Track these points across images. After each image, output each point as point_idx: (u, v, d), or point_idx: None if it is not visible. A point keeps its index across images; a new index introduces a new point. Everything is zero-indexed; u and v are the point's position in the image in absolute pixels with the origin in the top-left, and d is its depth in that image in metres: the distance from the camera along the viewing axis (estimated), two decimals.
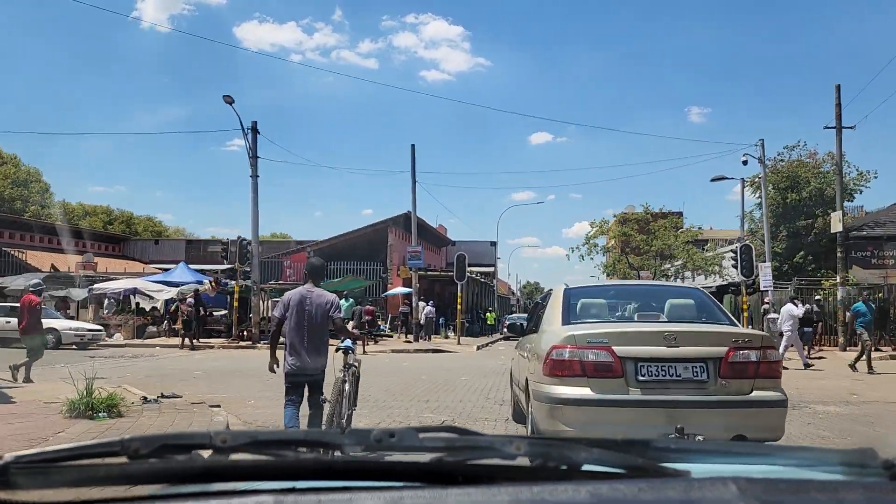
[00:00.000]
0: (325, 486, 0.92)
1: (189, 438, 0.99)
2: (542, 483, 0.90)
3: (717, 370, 5.20)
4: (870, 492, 0.93)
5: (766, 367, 5.28)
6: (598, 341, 5.26)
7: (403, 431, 1.00)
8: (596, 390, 5.16)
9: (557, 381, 5.28)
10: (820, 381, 13.90)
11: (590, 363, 5.21)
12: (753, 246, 23.39)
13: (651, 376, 5.20)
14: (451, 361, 19.31)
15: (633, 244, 36.23)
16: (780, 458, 1.20)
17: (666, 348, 5.21)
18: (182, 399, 10.01)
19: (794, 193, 29.92)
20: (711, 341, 5.36)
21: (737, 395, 5.19)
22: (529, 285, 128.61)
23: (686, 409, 5.07)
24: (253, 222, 25.36)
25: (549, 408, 5.28)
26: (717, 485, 0.87)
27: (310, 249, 40.50)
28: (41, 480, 0.93)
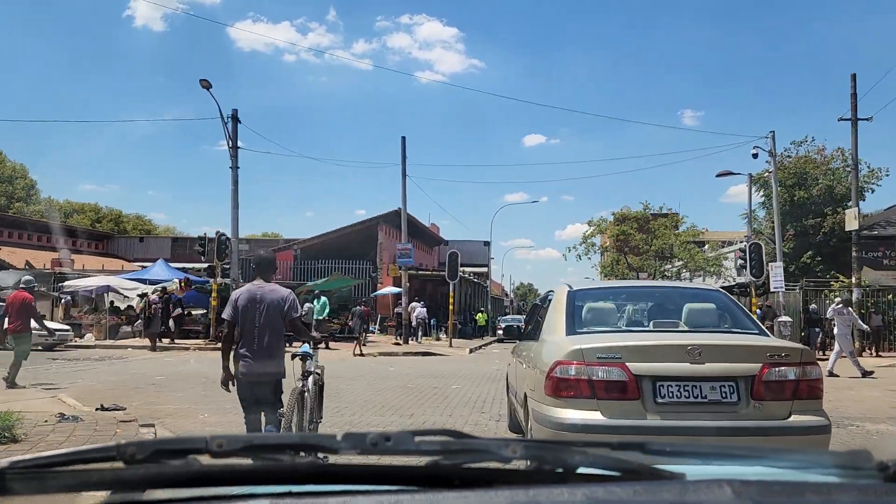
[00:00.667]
0: (322, 490, 0.94)
1: (184, 443, 1.00)
2: (538, 486, 0.91)
3: (750, 391, 4.42)
4: (864, 494, 0.94)
5: (805, 386, 4.49)
6: (610, 356, 4.44)
7: (399, 435, 0.99)
8: (608, 414, 4.39)
9: (562, 403, 4.50)
10: (849, 392, 12.55)
11: (600, 382, 4.43)
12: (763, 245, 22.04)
13: (672, 398, 4.43)
14: (442, 366, 17.90)
15: (632, 243, 34.92)
16: (775, 460, 1.18)
17: (689, 365, 4.42)
18: (124, 412, 8.62)
19: (801, 191, 28.66)
20: (743, 356, 4.55)
21: (772, 421, 4.40)
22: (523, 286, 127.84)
23: (713, 437, 4.21)
24: (233, 217, 23.92)
25: (553, 435, 4.43)
26: (712, 487, 0.88)
27: (297, 247, 39.03)
28: (36, 486, 0.94)
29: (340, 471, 0.98)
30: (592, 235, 35.07)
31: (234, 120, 23.80)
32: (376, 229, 38.20)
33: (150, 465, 0.95)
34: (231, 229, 23.78)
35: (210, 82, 21.71)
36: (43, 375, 13.51)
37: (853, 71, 25.54)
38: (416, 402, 10.63)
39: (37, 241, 48.94)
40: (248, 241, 52.17)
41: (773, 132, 23.31)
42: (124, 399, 10.00)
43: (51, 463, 0.97)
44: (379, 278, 37.71)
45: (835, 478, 1.05)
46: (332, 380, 13.54)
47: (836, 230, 28.15)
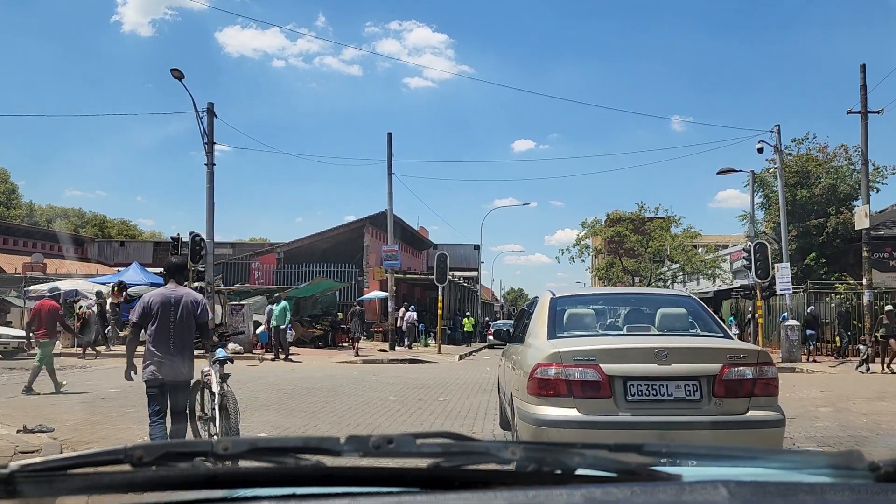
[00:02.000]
0: (325, 493, 0.96)
1: (191, 446, 1.02)
2: (537, 487, 0.92)
3: (711, 389, 4.81)
4: (856, 493, 0.95)
5: (762, 384, 4.92)
6: (586, 359, 4.83)
7: (401, 438, 1.01)
8: (583, 411, 4.77)
9: (542, 402, 4.88)
10: (882, 404, 11.37)
11: (577, 382, 4.79)
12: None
13: (641, 396, 4.80)
14: (429, 374, 16.62)
15: (627, 245, 33.76)
16: (769, 461, 1.22)
17: (657, 366, 4.81)
18: (51, 432, 7.34)
19: (803, 190, 27.59)
20: (705, 358, 4.95)
21: (732, 416, 4.83)
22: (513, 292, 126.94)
23: (678, 430, 4.64)
24: (208, 216, 22.55)
25: (535, 430, 4.84)
26: (708, 488, 0.89)
27: (280, 250, 37.68)
28: (46, 488, 0.95)
29: (343, 473, 1.00)
30: (586, 237, 33.89)
31: (209, 114, 22.48)
32: (363, 231, 36.90)
33: (158, 468, 0.97)
34: (206, 230, 22.41)
35: (182, 72, 20.39)
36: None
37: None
38: (395, 417, 9.35)
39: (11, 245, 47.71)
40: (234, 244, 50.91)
41: (778, 126, 22.25)
42: (66, 415, 8.75)
43: (60, 466, 0.99)
44: (365, 282, 36.39)
45: (827, 478, 1.07)
46: (306, 394, 12.32)
47: (839, 231, 27.10)
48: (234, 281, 34.62)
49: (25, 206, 79.92)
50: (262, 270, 37.27)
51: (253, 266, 37.60)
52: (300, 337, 25.49)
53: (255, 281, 35.96)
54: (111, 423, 8.57)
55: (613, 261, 34.36)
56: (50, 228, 56.05)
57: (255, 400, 10.88)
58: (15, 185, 79.21)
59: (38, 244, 52.00)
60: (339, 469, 0.98)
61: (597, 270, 35.54)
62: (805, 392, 12.80)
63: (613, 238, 33.33)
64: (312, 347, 25.18)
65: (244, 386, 12.74)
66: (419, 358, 22.05)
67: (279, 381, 13.80)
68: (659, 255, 33.24)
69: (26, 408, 9.62)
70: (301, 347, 24.83)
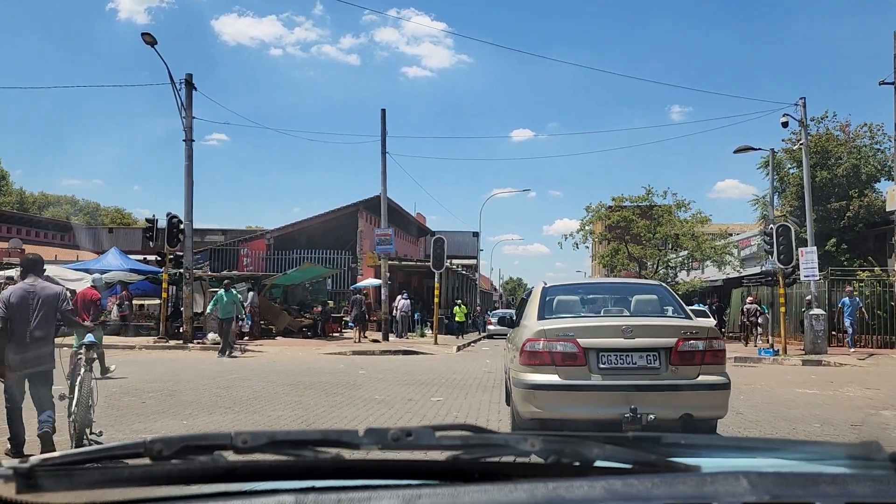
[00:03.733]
0: (345, 486, 0.93)
1: (210, 439, 1.00)
2: (557, 479, 0.92)
3: (668, 358, 5.75)
4: (878, 484, 0.94)
5: (710, 355, 5.84)
6: (566, 335, 5.79)
7: (420, 430, 1.01)
8: (563, 377, 5.72)
9: (531, 370, 5.84)
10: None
11: (558, 353, 5.75)
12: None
13: (610, 364, 5.76)
14: (424, 368, 15.05)
15: (633, 231, 32.12)
16: (787, 452, 1.19)
17: (623, 340, 5.77)
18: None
19: (824, 171, 25.94)
20: (663, 333, 5.89)
21: (685, 380, 5.74)
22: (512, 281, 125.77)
23: (641, 392, 5.61)
24: (186, 197, 20.89)
25: (525, 392, 5.83)
26: (729, 479, 0.89)
27: (269, 236, 36.09)
28: (66, 482, 0.95)
29: (362, 466, 1.01)
30: (590, 223, 32.22)
31: (188, 86, 20.80)
32: (356, 216, 35.30)
33: (178, 462, 0.97)
34: (184, 212, 20.77)
35: (154, 38, 18.72)
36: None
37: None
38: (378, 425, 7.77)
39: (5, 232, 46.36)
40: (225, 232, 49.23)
41: (803, 98, 20.59)
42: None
43: (80, 460, 1.00)
44: (359, 269, 34.83)
45: (847, 469, 1.08)
46: (284, 388, 10.79)
47: (861, 214, 25.49)
48: (222, 268, 33.07)
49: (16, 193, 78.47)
50: (250, 257, 35.70)
51: (242, 253, 36.03)
52: (288, 327, 23.93)
53: (244, 268, 34.39)
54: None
55: (619, 247, 32.69)
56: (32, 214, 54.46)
57: (219, 399, 9.31)
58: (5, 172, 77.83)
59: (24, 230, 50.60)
60: (357, 462, 1.00)
61: (601, 258, 33.80)
62: (850, 391, 11.24)
63: (619, 223, 31.64)
64: (301, 338, 23.60)
65: (209, 381, 11.18)
66: (414, 349, 20.47)
67: (252, 377, 12.22)
68: (667, 242, 31.58)
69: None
70: (289, 338, 23.29)
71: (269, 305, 23.85)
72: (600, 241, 38.24)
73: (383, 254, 24.21)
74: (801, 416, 8.64)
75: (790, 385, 12.13)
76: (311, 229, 35.76)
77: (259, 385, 11.00)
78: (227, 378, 11.96)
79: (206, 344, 19.63)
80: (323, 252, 34.78)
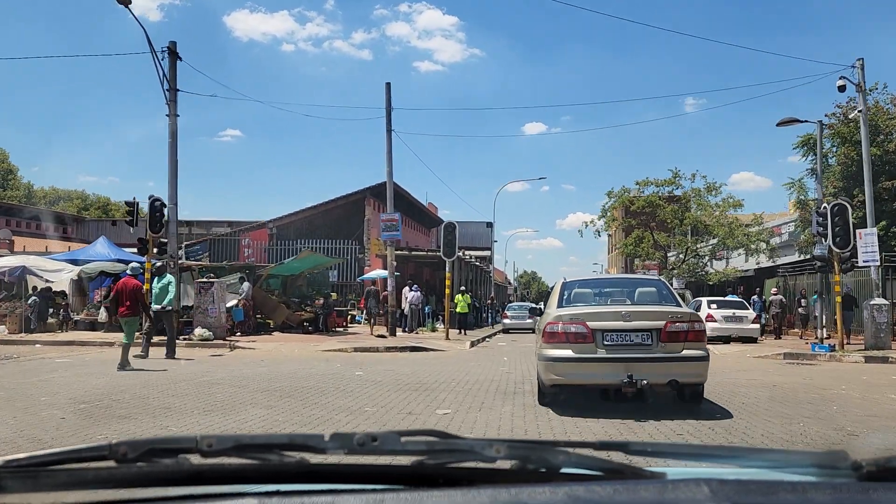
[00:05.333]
0: (309, 489, 0.94)
1: (176, 442, 1.00)
2: (521, 485, 0.92)
3: (659, 336, 7.26)
4: (838, 492, 0.95)
5: (693, 334, 7.33)
6: (577, 318, 7.41)
7: (385, 435, 1.01)
8: (576, 351, 7.32)
9: (551, 346, 7.46)
10: None
11: (572, 333, 7.34)
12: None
13: (613, 341, 7.31)
14: (432, 368, 13.00)
15: (660, 217, 29.91)
16: (753, 459, 1.22)
17: (623, 322, 7.33)
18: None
19: (873, 148, 23.50)
20: (654, 317, 7.41)
21: (672, 353, 7.25)
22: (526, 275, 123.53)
23: (636, 362, 7.17)
24: (171, 177, 18.92)
25: (546, 364, 7.50)
26: (691, 486, 0.90)
27: (272, 226, 34.13)
28: (31, 484, 0.95)
29: (327, 470, 1.00)
30: (614, 208, 29.98)
31: (171, 55, 18.84)
32: (363, 204, 33.29)
33: (143, 464, 0.97)
34: (168, 194, 18.80)
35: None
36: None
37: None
38: None
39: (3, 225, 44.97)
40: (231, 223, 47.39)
41: (861, 60, 18.26)
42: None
43: (45, 462, 0.99)
44: (367, 260, 32.83)
45: (811, 477, 1.07)
46: (255, 397, 8.72)
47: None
48: (222, 259, 31.23)
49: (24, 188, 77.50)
50: (252, 247, 33.79)
51: (243, 243, 34.13)
52: (286, 321, 21.93)
53: (246, 258, 32.50)
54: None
55: (644, 234, 30.45)
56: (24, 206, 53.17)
57: (160, 412, 7.28)
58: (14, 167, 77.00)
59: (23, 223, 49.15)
60: (323, 466, 1.00)
61: (624, 246, 31.54)
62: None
63: (644, 209, 29.40)
64: (301, 332, 21.59)
65: (166, 388, 9.15)
66: (422, 345, 18.40)
67: (224, 381, 10.21)
68: (696, 229, 29.32)
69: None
70: (287, 333, 21.29)
71: (266, 298, 21.87)
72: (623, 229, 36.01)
73: (389, 241, 22.10)
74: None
75: (880, 389, 9.96)
76: (315, 218, 33.81)
77: (226, 393, 8.96)
78: (192, 383, 9.95)
79: (192, 340, 17.68)
80: (328, 242, 32.81)
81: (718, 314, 21.42)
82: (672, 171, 29.15)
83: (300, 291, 25.04)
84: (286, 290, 24.01)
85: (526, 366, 13.67)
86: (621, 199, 29.66)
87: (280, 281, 23.78)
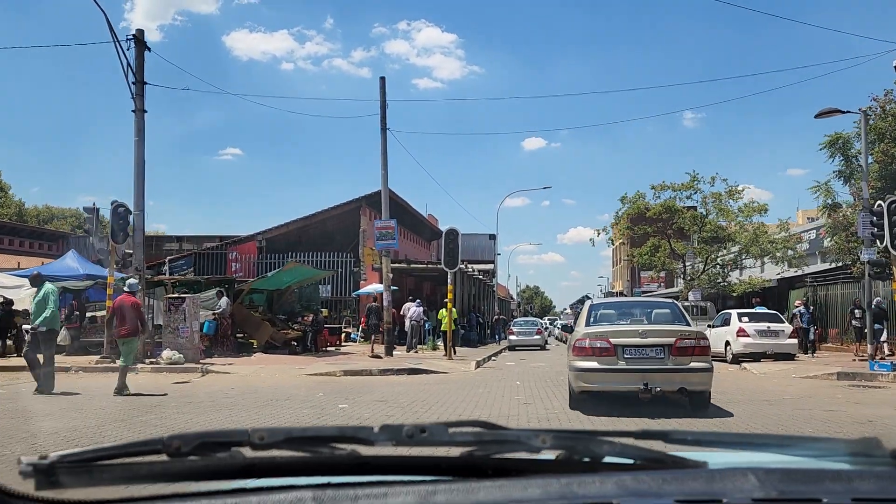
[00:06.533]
0: (361, 482, 0.95)
1: (228, 436, 1.00)
2: (569, 475, 0.93)
3: (670, 351, 8.58)
4: (882, 481, 0.96)
5: (699, 349, 8.72)
6: (602, 336, 8.78)
7: (434, 427, 1.01)
8: (600, 363, 8.65)
9: (580, 359, 8.81)
10: None
11: (597, 348, 8.69)
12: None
13: (632, 355, 8.63)
14: (434, 398, 10.80)
15: (677, 224, 27.79)
16: (789, 448, 1.23)
17: (640, 339, 8.69)
18: None
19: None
20: (666, 335, 8.71)
21: (681, 365, 8.55)
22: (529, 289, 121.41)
23: (651, 373, 8.46)
24: (136, 180, 16.78)
25: (576, 374, 8.88)
26: (738, 475, 0.91)
27: (261, 238, 31.97)
28: (85, 478, 0.95)
29: (377, 462, 1.00)
30: (629, 214, 27.83)
31: (138, 44, 16.81)
32: (358, 214, 31.15)
33: (195, 458, 0.97)
34: (134, 199, 16.68)
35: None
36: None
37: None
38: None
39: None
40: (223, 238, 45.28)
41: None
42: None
43: (98, 457, 0.98)
44: (363, 273, 30.66)
45: (849, 465, 1.07)
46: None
47: None
48: (206, 272, 29.11)
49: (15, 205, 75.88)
50: (240, 261, 31.63)
51: (230, 257, 31.97)
52: (270, 340, 19.72)
53: (233, 273, 30.31)
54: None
55: (660, 243, 28.29)
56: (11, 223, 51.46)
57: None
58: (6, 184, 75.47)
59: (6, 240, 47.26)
60: (373, 458, 1.00)
61: (638, 256, 29.39)
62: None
63: (661, 215, 27.26)
64: (287, 353, 19.31)
65: (77, 429, 6.91)
66: (422, 367, 16.18)
67: (168, 419, 8.02)
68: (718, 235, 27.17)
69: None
70: (272, 354, 19.04)
71: (248, 315, 19.68)
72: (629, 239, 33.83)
73: (385, 251, 19.95)
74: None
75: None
76: (308, 229, 31.70)
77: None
78: (125, 423, 7.77)
79: (159, 364, 15.48)
80: (322, 255, 30.67)
81: (751, 328, 19.18)
82: (690, 175, 27.08)
83: (289, 308, 22.84)
84: (272, 307, 21.82)
85: (545, 393, 11.48)
86: (636, 204, 27.52)
87: (265, 296, 21.60)
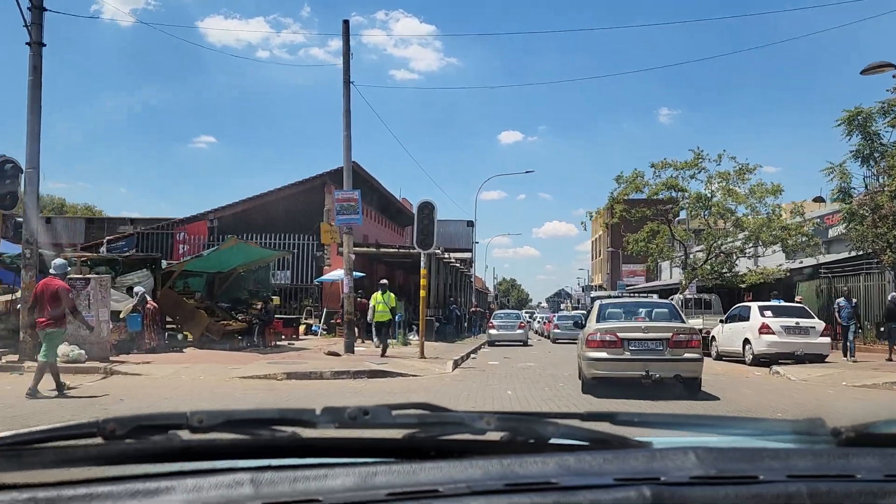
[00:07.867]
0: (301, 464, 0.93)
1: (165, 419, 0.98)
2: (511, 456, 0.93)
3: (668, 344, 9.89)
4: (819, 458, 0.98)
5: (692, 342, 10.11)
6: (610, 331, 10.11)
7: (377, 409, 1.00)
8: (609, 354, 9.93)
9: (592, 350, 10.06)
10: None
11: (607, 341, 9.99)
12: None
13: (636, 347, 9.92)
14: None
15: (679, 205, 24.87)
16: (734, 428, 1.23)
17: (642, 333, 10.02)
18: None
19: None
20: (665, 331, 10.09)
21: (677, 356, 9.86)
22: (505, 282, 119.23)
23: (652, 362, 9.74)
24: (30, 129, 13.28)
25: (588, 363, 10.11)
26: (678, 454, 0.93)
27: (213, 217, 28.47)
28: (18, 462, 0.93)
29: (319, 444, 1.00)
30: (625, 194, 24.75)
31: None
32: (322, 191, 27.76)
33: (132, 441, 0.95)
34: (27, 153, 13.20)
35: None
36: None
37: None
38: None
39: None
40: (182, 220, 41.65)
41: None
42: None
43: (32, 440, 0.97)
44: (326, 258, 27.37)
45: (791, 444, 1.09)
46: None
47: None
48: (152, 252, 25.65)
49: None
50: (188, 243, 28.13)
51: (177, 237, 28.46)
52: (206, 333, 16.33)
53: (181, 256, 26.80)
54: None
55: (659, 228, 25.33)
56: None
57: None
58: None
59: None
60: (314, 440, 0.99)
61: (634, 242, 26.38)
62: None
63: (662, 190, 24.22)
64: (225, 349, 15.90)
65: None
66: (387, 369, 12.93)
67: None
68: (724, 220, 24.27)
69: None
70: (208, 349, 15.65)
71: (179, 302, 16.28)
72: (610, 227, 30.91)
73: (346, 227, 16.60)
74: None
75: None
76: (265, 208, 28.25)
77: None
78: None
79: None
80: (282, 236, 27.30)
81: (777, 325, 16.20)
82: (694, 152, 24.08)
83: (234, 295, 19.47)
84: (212, 293, 18.43)
85: (548, 407, 8.36)
86: (633, 184, 24.47)
87: (203, 280, 18.20)
